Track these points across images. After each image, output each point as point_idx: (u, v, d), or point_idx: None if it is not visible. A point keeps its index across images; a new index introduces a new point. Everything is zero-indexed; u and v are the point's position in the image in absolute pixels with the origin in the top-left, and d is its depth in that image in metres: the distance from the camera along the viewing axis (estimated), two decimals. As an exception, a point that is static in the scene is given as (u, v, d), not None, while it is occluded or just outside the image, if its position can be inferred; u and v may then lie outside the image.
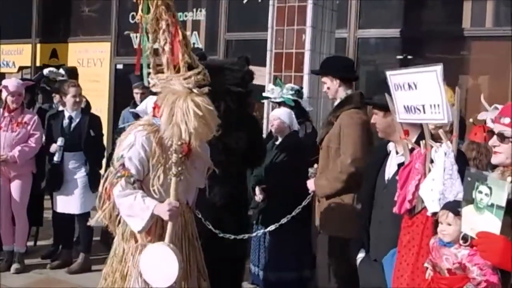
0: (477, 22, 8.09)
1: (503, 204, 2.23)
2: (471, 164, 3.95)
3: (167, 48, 3.27)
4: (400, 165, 3.24)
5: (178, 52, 3.23)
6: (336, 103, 4.64)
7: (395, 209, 3.03)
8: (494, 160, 2.59)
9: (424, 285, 2.71)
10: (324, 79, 4.68)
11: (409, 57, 8.26)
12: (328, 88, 4.65)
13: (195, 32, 9.61)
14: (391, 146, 3.47)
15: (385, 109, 3.31)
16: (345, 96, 4.54)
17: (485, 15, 8.08)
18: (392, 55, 8.42)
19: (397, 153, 3.41)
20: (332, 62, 5.04)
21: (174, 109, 3.21)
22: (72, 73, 7.49)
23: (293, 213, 4.73)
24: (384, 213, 3.32)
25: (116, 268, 3.47)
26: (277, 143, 5.63)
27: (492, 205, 2.27)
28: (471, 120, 5.81)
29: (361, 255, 3.55)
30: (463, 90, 8.29)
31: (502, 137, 2.52)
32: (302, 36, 6.84)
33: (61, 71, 7.41)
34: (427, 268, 2.67)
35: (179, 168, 3.27)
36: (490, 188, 2.28)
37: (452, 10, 8.11)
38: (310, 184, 4.55)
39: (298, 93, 6.28)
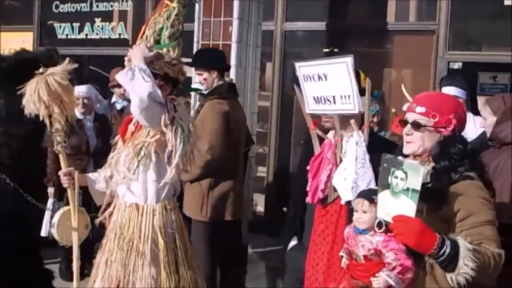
0: (401, 16, 8.29)
1: (418, 187, 2.29)
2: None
3: None
4: None
5: None
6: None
7: (308, 199, 3.07)
8: (406, 150, 2.63)
9: (340, 273, 2.74)
10: (200, 70, 4.90)
11: (335, 50, 8.37)
12: (205, 79, 4.87)
13: (122, 23, 9.45)
14: (330, 135, 3.54)
15: None
16: (214, 87, 4.75)
17: (408, 10, 8.29)
18: (318, 48, 8.51)
19: None
20: (207, 54, 5.33)
21: None
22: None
23: None
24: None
25: None
26: None
27: (407, 189, 2.32)
28: (393, 110, 5.96)
29: (293, 243, 3.62)
30: (387, 83, 8.49)
31: (417, 126, 2.57)
32: (229, 28, 6.81)
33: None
34: (342, 256, 2.70)
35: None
36: (405, 173, 2.33)
37: (377, 5, 8.27)
38: None
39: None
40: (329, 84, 2.92)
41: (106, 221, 3.50)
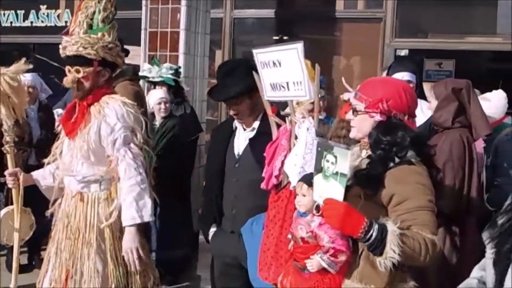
0: (350, 4, 8.38)
1: (346, 171, 2.30)
2: (341, 141, 4.08)
3: None
4: (251, 139, 3.44)
5: None
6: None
7: (262, 185, 3.08)
8: (351, 134, 2.68)
9: (287, 256, 2.77)
10: None
11: (285, 37, 8.40)
12: None
13: (68, 10, 9.24)
14: (236, 123, 3.59)
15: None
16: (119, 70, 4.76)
17: (357, -2, 8.40)
18: (268, 36, 8.53)
19: (244, 129, 3.55)
20: None
21: None
22: None
23: None
24: (239, 187, 3.45)
25: None
26: (158, 124, 5.61)
27: (337, 173, 2.33)
28: (345, 97, 6.02)
29: (213, 229, 3.66)
30: (336, 71, 8.58)
31: (354, 111, 2.61)
32: (177, 15, 6.75)
33: None
34: (290, 239, 2.72)
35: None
36: (335, 157, 2.34)
37: (326, -7, 8.35)
38: None
39: (177, 72, 6.25)
40: (283, 70, 2.92)
41: (55, 211, 3.48)
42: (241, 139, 3.58)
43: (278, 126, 3.16)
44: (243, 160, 3.50)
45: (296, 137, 2.95)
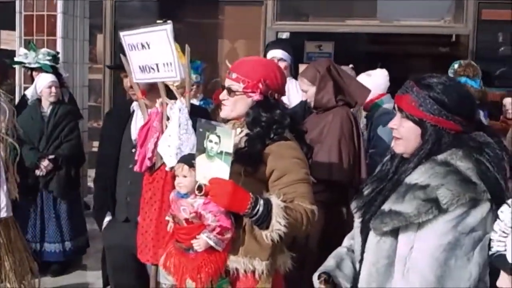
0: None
1: (231, 150, 2.37)
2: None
3: None
4: None
5: None
6: None
7: (136, 167, 3.06)
8: (222, 114, 2.71)
9: (167, 238, 2.78)
10: None
11: (168, 21, 8.31)
12: None
13: None
14: (135, 106, 3.50)
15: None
16: None
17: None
18: (151, 20, 8.39)
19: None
20: None
21: None
22: None
23: None
24: (135, 173, 3.32)
25: None
26: (46, 110, 5.42)
27: (221, 152, 2.39)
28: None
29: (107, 219, 3.56)
30: (221, 54, 8.63)
31: (230, 91, 2.64)
32: (53, -2, 6.54)
33: None
34: (168, 221, 2.74)
35: None
36: (219, 137, 2.40)
37: (208, -24, 8.35)
38: None
39: (55, 58, 6.06)
40: (152, 52, 2.90)
41: None
42: (139, 123, 3.42)
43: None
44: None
45: (168, 119, 2.95)
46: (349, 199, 3.76)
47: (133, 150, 3.39)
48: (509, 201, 1.66)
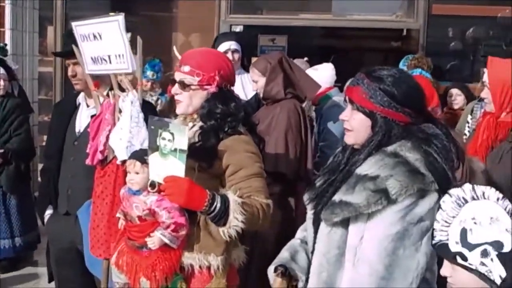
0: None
1: (185, 147, 2.33)
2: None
3: None
4: (93, 117, 3.23)
5: None
6: None
7: (87, 161, 3.01)
8: (177, 110, 2.66)
9: (118, 235, 2.72)
10: None
11: (121, 13, 8.20)
12: None
13: None
14: (81, 99, 3.46)
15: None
16: None
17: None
18: (104, 12, 8.24)
19: (88, 106, 3.43)
20: None
21: None
22: None
23: None
24: (76, 166, 3.33)
25: None
26: None
27: (175, 150, 2.35)
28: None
29: (49, 212, 3.53)
30: (176, 47, 8.56)
31: (183, 85, 2.58)
32: (1, -12, 6.38)
33: None
34: (119, 218, 2.68)
35: None
36: (172, 134, 2.35)
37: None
38: None
39: (3, 50, 5.91)
40: (104, 43, 2.87)
41: None
42: (84, 116, 3.44)
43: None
44: (83, 138, 3.31)
45: (120, 111, 2.92)
46: (298, 191, 3.86)
47: (75, 143, 3.40)
48: (450, 191, 1.69)
